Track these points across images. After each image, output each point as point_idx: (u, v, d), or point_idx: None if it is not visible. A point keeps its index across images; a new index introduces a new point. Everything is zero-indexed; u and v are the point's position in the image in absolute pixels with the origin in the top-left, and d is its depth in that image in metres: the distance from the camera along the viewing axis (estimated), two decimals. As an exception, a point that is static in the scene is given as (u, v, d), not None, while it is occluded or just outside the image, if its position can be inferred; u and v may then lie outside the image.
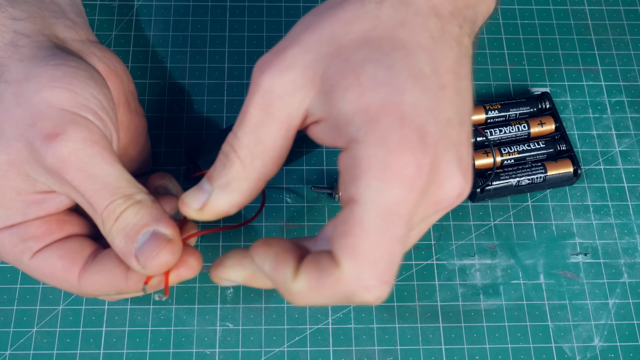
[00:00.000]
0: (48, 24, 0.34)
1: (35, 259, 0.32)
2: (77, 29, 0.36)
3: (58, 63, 0.32)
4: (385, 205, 0.26)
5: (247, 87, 0.47)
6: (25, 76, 0.31)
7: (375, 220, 0.26)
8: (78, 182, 0.30)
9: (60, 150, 0.30)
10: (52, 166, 0.30)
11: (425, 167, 0.27)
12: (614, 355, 0.41)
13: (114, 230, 0.30)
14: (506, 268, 0.43)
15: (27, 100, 0.30)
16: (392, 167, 0.26)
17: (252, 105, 0.29)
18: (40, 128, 0.30)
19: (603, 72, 0.49)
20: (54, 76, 0.31)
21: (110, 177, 0.30)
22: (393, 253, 0.27)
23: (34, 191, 0.31)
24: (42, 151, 0.30)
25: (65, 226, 0.33)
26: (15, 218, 0.32)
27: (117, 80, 0.35)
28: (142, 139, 0.38)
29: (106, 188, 0.30)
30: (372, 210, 0.26)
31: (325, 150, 0.45)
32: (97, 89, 0.32)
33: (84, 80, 0.32)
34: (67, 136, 0.30)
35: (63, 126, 0.30)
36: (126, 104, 0.36)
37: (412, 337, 0.41)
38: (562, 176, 0.44)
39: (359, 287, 0.27)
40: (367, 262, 0.26)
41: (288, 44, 0.30)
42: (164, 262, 0.30)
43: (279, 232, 0.43)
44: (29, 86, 0.31)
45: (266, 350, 0.40)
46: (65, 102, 0.31)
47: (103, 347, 0.39)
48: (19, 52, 0.32)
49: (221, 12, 0.50)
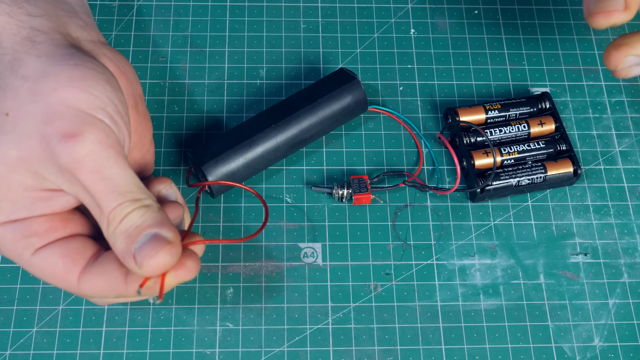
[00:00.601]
0: (62, 22, 0.34)
1: (37, 256, 0.32)
2: (88, 30, 0.36)
3: (77, 63, 0.32)
4: None
5: (247, 87, 0.47)
6: (43, 73, 0.31)
7: None
8: (90, 183, 0.30)
9: (77, 151, 0.30)
10: (66, 165, 0.30)
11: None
12: (614, 355, 0.41)
13: (118, 231, 0.30)
14: (506, 268, 0.43)
15: (44, 98, 0.31)
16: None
17: None
18: (57, 127, 0.30)
19: (603, 72, 0.49)
20: (72, 76, 0.31)
21: (122, 181, 0.31)
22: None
23: (41, 188, 0.31)
24: (57, 150, 0.30)
25: (68, 225, 0.33)
26: (20, 213, 0.32)
27: (127, 82, 0.35)
28: (147, 142, 0.38)
29: (117, 191, 0.30)
30: None
31: (325, 151, 0.45)
32: (113, 92, 0.32)
33: (102, 83, 0.32)
34: (85, 137, 0.30)
35: (81, 127, 0.30)
36: (134, 106, 0.36)
37: (412, 337, 0.41)
38: (562, 176, 0.44)
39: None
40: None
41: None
42: (161, 262, 0.30)
43: (279, 232, 0.43)
44: (46, 84, 0.31)
45: (266, 350, 0.40)
46: (83, 104, 0.31)
47: (103, 347, 0.39)
48: (36, 48, 0.32)
49: (221, 12, 0.50)
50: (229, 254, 0.42)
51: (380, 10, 0.50)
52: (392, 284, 0.42)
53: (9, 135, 0.31)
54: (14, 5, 0.33)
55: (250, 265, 0.42)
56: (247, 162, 0.41)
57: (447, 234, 0.43)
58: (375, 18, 0.50)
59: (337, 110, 0.43)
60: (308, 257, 0.42)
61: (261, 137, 0.42)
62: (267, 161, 0.42)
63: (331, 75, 0.44)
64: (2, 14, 0.33)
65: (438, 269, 0.42)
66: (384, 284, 0.42)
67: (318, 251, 0.43)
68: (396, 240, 0.43)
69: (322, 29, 0.50)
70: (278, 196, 0.44)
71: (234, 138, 0.42)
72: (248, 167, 0.42)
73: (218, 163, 0.41)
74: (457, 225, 0.44)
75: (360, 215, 0.44)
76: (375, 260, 0.42)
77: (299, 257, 0.42)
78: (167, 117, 0.46)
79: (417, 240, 0.43)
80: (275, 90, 0.47)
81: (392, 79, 0.48)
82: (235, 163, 0.41)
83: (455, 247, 0.43)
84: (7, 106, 0.31)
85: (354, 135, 0.46)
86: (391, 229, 0.43)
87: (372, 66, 0.48)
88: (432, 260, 0.43)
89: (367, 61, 0.48)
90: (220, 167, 0.41)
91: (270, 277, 0.42)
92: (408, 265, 0.42)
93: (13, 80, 0.31)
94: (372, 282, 0.42)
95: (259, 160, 0.42)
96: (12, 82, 0.31)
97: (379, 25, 0.50)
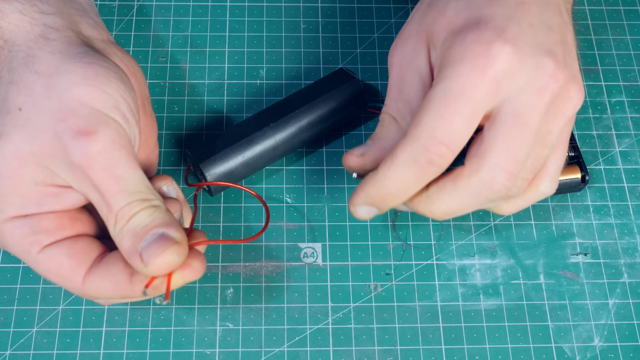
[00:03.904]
0: (74, 21, 0.35)
1: (44, 253, 0.32)
2: (98, 29, 0.36)
3: (91, 62, 0.32)
4: (451, 87, 0.32)
5: (247, 87, 0.47)
6: (57, 70, 0.31)
7: (438, 98, 0.32)
8: (101, 181, 0.30)
9: (90, 149, 0.30)
10: (78, 162, 0.30)
11: (502, 57, 0.31)
12: (614, 355, 0.41)
13: (125, 229, 0.30)
14: (506, 268, 0.43)
15: (58, 95, 0.31)
16: (465, 58, 0.32)
17: (391, 78, 0.37)
18: (71, 124, 0.30)
19: (603, 72, 0.49)
20: (87, 74, 0.31)
21: (132, 181, 0.31)
22: (450, 123, 0.32)
23: (51, 183, 0.31)
24: (70, 146, 0.30)
25: (76, 224, 0.33)
26: (30, 208, 0.32)
27: (135, 82, 0.36)
28: (152, 143, 0.38)
29: (127, 190, 0.31)
30: (438, 92, 0.32)
31: (325, 151, 0.45)
32: (126, 91, 0.33)
33: (115, 81, 0.32)
34: (99, 136, 0.30)
35: (95, 125, 0.30)
36: (142, 106, 0.36)
37: (412, 337, 0.41)
38: (570, 182, 0.43)
39: (418, 146, 0.32)
40: (425, 128, 0.32)
41: (404, 25, 0.37)
42: (168, 262, 0.30)
43: (279, 232, 0.43)
44: (60, 81, 0.31)
45: (266, 350, 0.40)
46: (97, 102, 0.31)
47: (103, 347, 0.39)
48: (50, 45, 0.32)
49: (221, 12, 0.50)
50: (229, 254, 0.42)
51: (380, 10, 0.50)
52: (392, 284, 0.42)
53: (22, 130, 0.31)
54: (27, 3, 0.33)
55: (250, 265, 0.42)
56: (246, 161, 0.41)
57: (447, 234, 0.43)
58: (376, 18, 0.50)
59: (336, 109, 0.43)
60: (308, 257, 0.42)
61: (260, 135, 0.42)
62: (266, 160, 0.42)
63: (330, 75, 0.44)
64: (15, 12, 0.33)
65: (438, 269, 0.42)
66: (384, 284, 0.42)
67: (318, 251, 0.43)
68: (396, 240, 0.43)
69: (322, 29, 0.50)
70: (278, 196, 0.44)
71: (232, 136, 0.42)
72: (247, 165, 0.42)
73: (216, 161, 0.41)
74: (457, 225, 0.44)
75: (360, 215, 0.44)
76: (375, 260, 0.42)
77: (299, 257, 0.42)
78: (167, 117, 0.46)
79: (417, 240, 0.43)
80: (275, 90, 0.47)
81: (392, 79, 0.48)
82: (234, 161, 0.41)
83: (455, 247, 0.43)
84: (21, 101, 0.31)
85: (354, 135, 0.46)
86: (391, 229, 0.43)
87: (372, 66, 0.48)
88: (432, 260, 0.43)
89: (367, 61, 0.48)
90: (218, 165, 0.41)
91: (270, 277, 0.42)
92: (408, 265, 0.42)
93: (27, 76, 0.31)
94: (372, 282, 0.42)
95: (257, 159, 0.42)
96: (26, 78, 0.31)
97: (379, 25, 0.50)
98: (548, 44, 0.32)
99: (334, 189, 0.44)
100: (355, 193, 0.36)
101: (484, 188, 0.33)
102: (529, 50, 0.32)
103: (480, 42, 0.32)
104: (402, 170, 0.33)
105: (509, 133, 0.32)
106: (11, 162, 0.31)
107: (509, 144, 0.32)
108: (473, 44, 0.32)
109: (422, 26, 0.35)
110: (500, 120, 0.32)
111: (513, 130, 0.32)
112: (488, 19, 0.32)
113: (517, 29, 0.32)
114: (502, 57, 0.31)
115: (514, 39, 0.32)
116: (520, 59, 0.31)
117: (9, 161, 0.31)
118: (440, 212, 0.35)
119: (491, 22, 0.32)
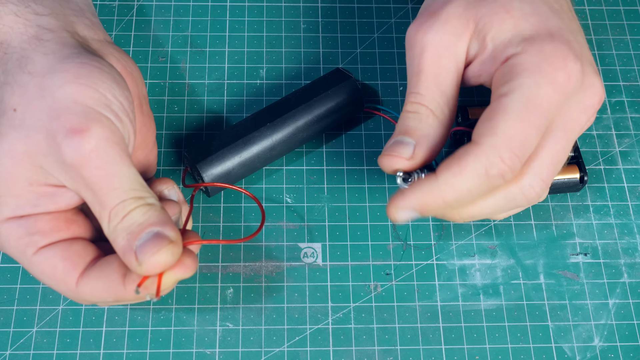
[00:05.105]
0: (69, 21, 0.35)
1: (39, 255, 0.32)
2: (95, 29, 0.36)
3: (84, 62, 0.32)
4: (531, 98, 0.31)
5: (247, 87, 0.47)
6: (50, 70, 0.31)
7: (518, 108, 0.31)
8: (94, 179, 0.30)
9: (83, 147, 0.30)
10: (71, 161, 0.30)
11: (575, 74, 0.33)
12: (614, 355, 0.41)
13: (119, 227, 0.30)
14: (506, 268, 0.43)
15: (51, 94, 0.31)
16: (545, 70, 0.32)
17: (425, 62, 0.34)
18: (64, 122, 0.30)
19: (603, 72, 0.49)
20: (79, 73, 0.31)
21: (126, 179, 0.31)
22: (528, 135, 0.32)
23: (45, 183, 0.31)
24: (63, 145, 0.30)
25: (72, 226, 0.33)
26: (25, 209, 0.32)
27: (132, 82, 0.35)
28: (151, 143, 0.38)
29: (121, 188, 0.30)
30: (517, 100, 0.32)
31: (325, 151, 0.45)
32: (120, 91, 0.32)
33: (108, 81, 0.32)
34: (91, 133, 0.30)
35: (88, 123, 0.30)
36: (139, 106, 0.36)
37: (412, 337, 0.41)
38: (568, 182, 0.43)
39: (494, 157, 0.31)
40: (503, 138, 0.31)
41: (440, 4, 0.35)
42: (162, 261, 0.30)
43: (279, 232, 0.43)
44: (53, 80, 0.31)
45: (266, 350, 0.40)
46: (89, 100, 0.31)
47: (103, 347, 0.39)
48: (44, 46, 0.32)
49: (221, 12, 0.50)
50: (229, 254, 0.42)
51: (380, 10, 0.50)
52: (392, 284, 0.42)
53: (17, 130, 0.31)
54: (21, 4, 0.33)
55: (250, 265, 0.42)
56: (243, 161, 0.41)
57: (447, 234, 0.43)
58: (375, 18, 0.50)
59: (333, 109, 0.43)
60: (308, 257, 0.42)
61: (257, 135, 0.42)
62: (263, 160, 0.42)
63: (327, 75, 0.44)
64: (9, 14, 0.33)
65: (438, 269, 0.42)
66: (384, 284, 0.42)
67: (318, 251, 0.43)
68: (396, 240, 0.43)
69: (322, 29, 0.50)
70: (278, 196, 0.44)
71: (229, 137, 0.42)
72: (244, 165, 0.42)
73: (213, 161, 0.41)
74: (457, 225, 0.44)
75: (360, 215, 0.44)
76: (375, 260, 0.42)
77: (299, 257, 0.42)
78: (167, 117, 0.46)
79: (417, 240, 0.43)
80: (275, 90, 0.47)
81: (392, 79, 0.48)
82: (231, 162, 0.41)
83: (455, 247, 0.43)
84: (15, 102, 0.31)
85: (354, 135, 0.46)
86: (391, 229, 0.43)
87: (372, 66, 0.48)
88: (432, 260, 0.43)
89: (367, 61, 0.48)
90: (215, 166, 0.41)
91: (270, 277, 0.42)
92: (408, 265, 0.42)
93: (21, 77, 0.31)
94: (372, 282, 0.42)
95: (255, 159, 0.42)
96: (20, 79, 0.31)
97: (379, 25, 0.50)
98: (591, 60, 0.35)
99: (333, 189, 0.44)
100: (403, 196, 0.33)
101: (523, 199, 0.35)
102: (587, 69, 0.34)
103: (558, 56, 0.33)
104: (470, 180, 0.32)
105: (558, 144, 0.34)
106: (5, 162, 0.31)
107: (554, 156, 0.34)
108: (551, 57, 0.32)
109: (469, 12, 0.34)
110: (551, 134, 0.34)
111: (563, 143, 0.34)
112: (559, 32, 0.34)
113: (577, 45, 0.34)
114: (575, 74, 0.33)
115: (580, 55, 0.34)
116: (582, 77, 0.33)
117: (3, 161, 0.31)
118: (471, 219, 0.36)
119: (562, 35, 0.34)
